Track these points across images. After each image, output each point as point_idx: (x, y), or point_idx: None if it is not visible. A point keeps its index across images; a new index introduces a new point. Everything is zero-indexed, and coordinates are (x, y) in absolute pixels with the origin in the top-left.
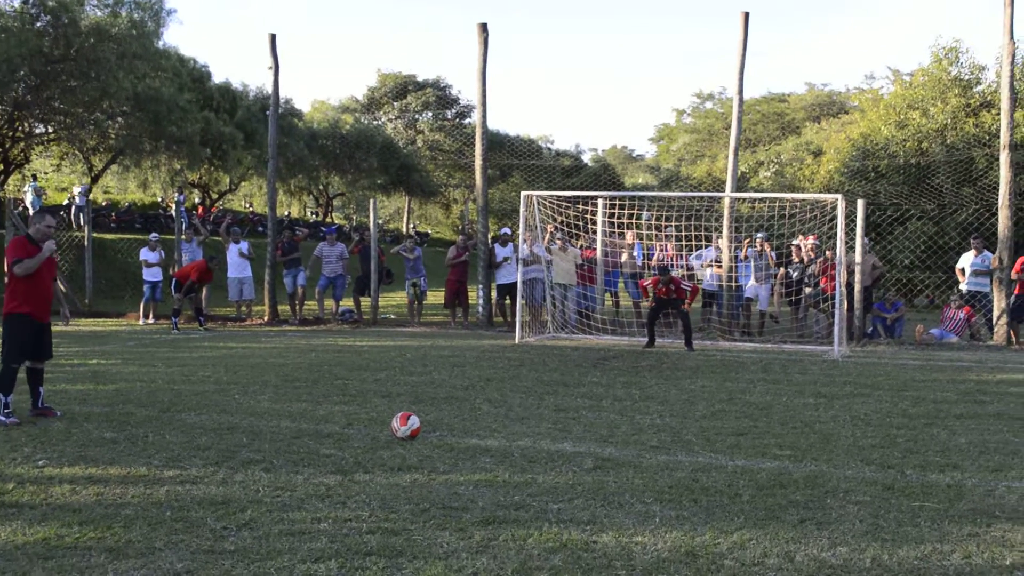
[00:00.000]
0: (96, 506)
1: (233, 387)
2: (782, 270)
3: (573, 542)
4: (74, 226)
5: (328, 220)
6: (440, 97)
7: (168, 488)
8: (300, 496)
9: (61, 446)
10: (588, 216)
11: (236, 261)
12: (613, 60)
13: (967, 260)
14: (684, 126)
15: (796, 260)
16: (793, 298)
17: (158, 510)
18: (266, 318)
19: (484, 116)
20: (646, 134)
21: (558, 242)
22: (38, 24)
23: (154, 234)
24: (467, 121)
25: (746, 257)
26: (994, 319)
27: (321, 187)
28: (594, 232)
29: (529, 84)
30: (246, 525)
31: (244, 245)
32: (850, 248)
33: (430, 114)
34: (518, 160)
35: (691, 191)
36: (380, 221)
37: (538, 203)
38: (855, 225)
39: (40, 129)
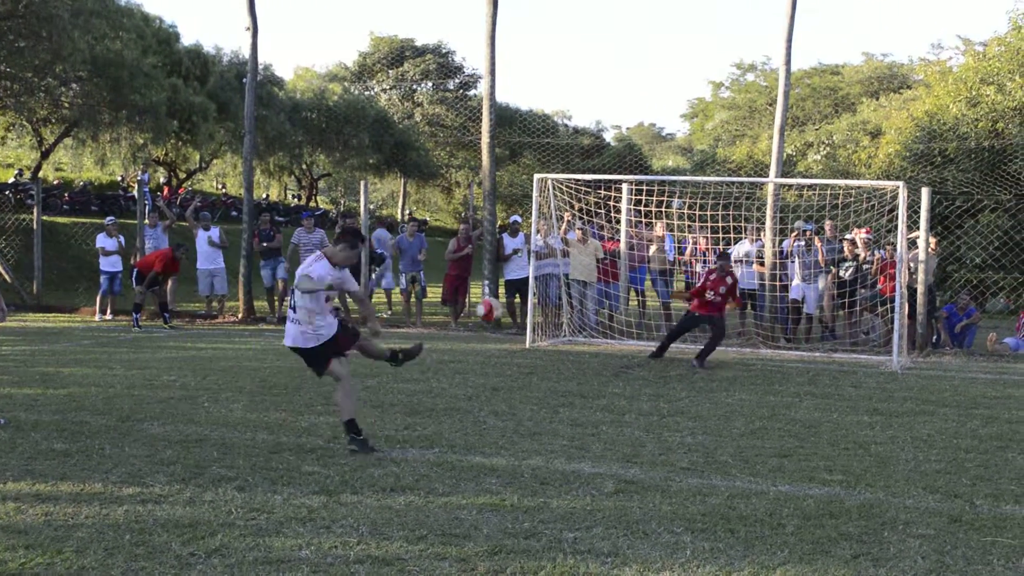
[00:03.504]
0: (45, 527)
1: (202, 394)
2: (834, 269)
3: None
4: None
5: (312, 204)
6: (442, 65)
7: (127, 508)
8: (278, 519)
9: (5, 459)
10: (611, 203)
11: (206, 250)
12: (640, 25)
13: None
14: (721, 101)
15: (850, 257)
16: (846, 300)
17: (116, 533)
18: (240, 315)
19: (492, 87)
20: (677, 110)
21: (577, 232)
22: None
23: (110, 218)
24: (472, 93)
25: (791, 253)
26: None
27: (304, 167)
28: (617, 221)
29: (544, 51)
30: (216, 551)
31: (215, 232)
32: (911, 244)
33: (430, 84)
34: (530, 138)
35: (729, 175)
36: (372, 206)
37: (553, 187)
38: (919, 217)
39: None
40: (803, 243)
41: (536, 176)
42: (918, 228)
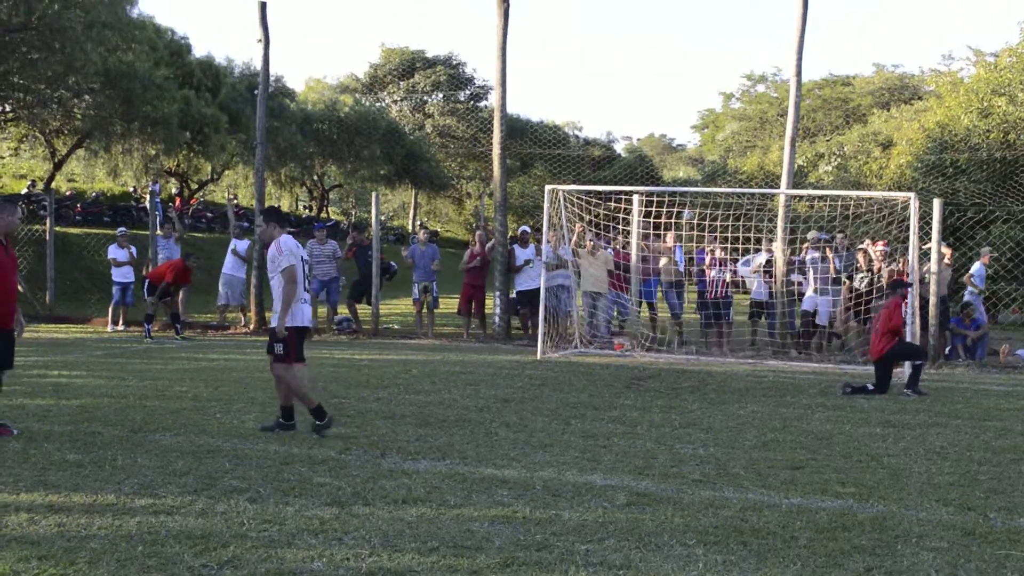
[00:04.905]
0: (57, 538)
1: (214, 404)
2: (847, 281)
3: None
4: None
5: (323, 216)
6: (452, 76)
7: (140, 519)
8: (290, 530)
9: (18, 469)
10: (622, 215)
11: (231, 258)
12: (651, 36)
13: None
14: (732, 112)
15: (864, 268)
16: (862, 312)
17: (128, 544)
18: (252, 326)
19: (503, 98)
20: (688, 121)
21: (588, 244)
22: None
23: (122, 229)
24: (483, 104)
25: (805, 263)
26: None
27: (316, 178)
28: (628, 233)
29: (555, 63)
30: (228, 563)
31: (242, 245)
32: (924, 255)
33: (441, 95)
34: (541, 149)
35: (740, 187)
36: (383, 217)
37: (564, 198)
38: (930, 228)
39: None
40: (817, 254)
41: (547, 187)
42: (930, 239)
